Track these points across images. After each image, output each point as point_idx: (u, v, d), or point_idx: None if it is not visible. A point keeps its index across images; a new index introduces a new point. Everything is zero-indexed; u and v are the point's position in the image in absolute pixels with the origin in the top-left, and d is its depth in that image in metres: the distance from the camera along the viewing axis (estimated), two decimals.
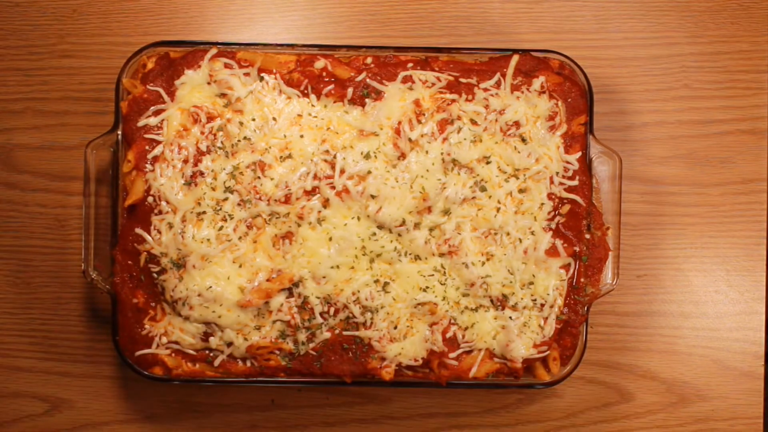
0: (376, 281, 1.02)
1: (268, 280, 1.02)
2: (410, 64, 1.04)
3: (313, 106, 1.03)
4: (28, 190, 1.14)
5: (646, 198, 1.16)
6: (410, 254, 1.03)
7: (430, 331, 1.04)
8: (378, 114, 1.03)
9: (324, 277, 1.02)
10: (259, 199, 1.02)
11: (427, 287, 1.03)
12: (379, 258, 1.02)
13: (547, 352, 1.04)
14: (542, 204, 1.03)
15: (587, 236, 1.05)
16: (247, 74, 1.03)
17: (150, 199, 1.01)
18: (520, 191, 1.03)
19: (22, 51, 1.14)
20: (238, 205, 1.02)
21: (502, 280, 1.03)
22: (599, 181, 1.06)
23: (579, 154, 1.04)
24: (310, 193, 1.02)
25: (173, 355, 1.04)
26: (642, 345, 1.15)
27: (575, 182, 1.04)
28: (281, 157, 1.02)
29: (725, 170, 1.16)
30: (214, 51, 1.03)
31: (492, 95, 1.03)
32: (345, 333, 1.03)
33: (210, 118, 1.02)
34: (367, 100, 1.03)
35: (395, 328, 1.03)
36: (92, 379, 1.14)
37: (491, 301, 1.04)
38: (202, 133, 1.02)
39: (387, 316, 1.02)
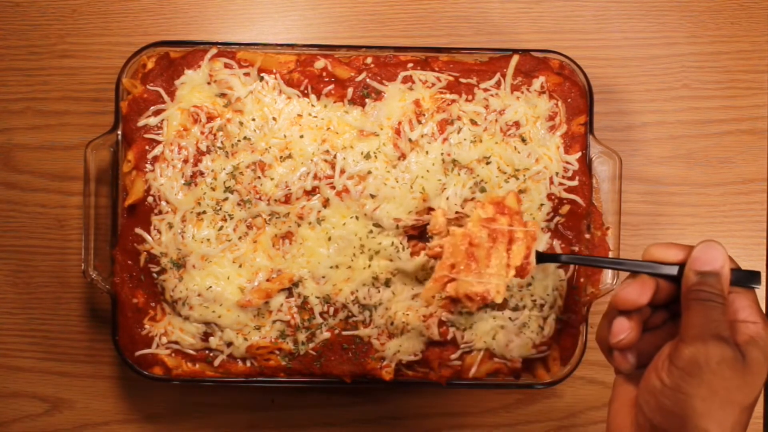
0: (376, 278, 1.02)
1: (268, 280, 1.02)
2: (410, 64, 1.04)
3: (313, 106, 1.03)
4: (28, 190, 1.14)
5: (646, 198, 1.16)
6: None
7: (425, 326, 1.03)
8: (378, 114, 1.03)
9: (323, 277, 1.02)
10: (259, 199, 1.02)
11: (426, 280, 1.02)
12: (378, 255, 1.02)
13: (547, 352, 1.04)
14: (541, 205, 1.03)
15: (587, 236, 1.05)
16: (247, 74, 1.03)
17: (150, 199, 1.01)
18: (520, 192, 1.03)
19: (22, 51, 1.14)
20: (238, 205, 1.02)
21: None
22: (599, 181, 1.06)
23: (579, 154, 1.04)
24: (310, 193, 1.02)
25: (173, 355, 1.04)
26: None
27: (575, 182, 1.04)
28: (281, 157, 1.02)
29: (725, 170, 1.16)
30: (214, 51, 1.03)
31: (492, 95, 1.03)
32: (344, 333, 1.03)
33: (210, 118, 1.02)
34: (367, 100, 1.03)
35: (392, 324, 1.02)
36: (92, 379, 1.14)
37: None
38: (202, 133, 1.02)
39: (385, 312, 1.02)
